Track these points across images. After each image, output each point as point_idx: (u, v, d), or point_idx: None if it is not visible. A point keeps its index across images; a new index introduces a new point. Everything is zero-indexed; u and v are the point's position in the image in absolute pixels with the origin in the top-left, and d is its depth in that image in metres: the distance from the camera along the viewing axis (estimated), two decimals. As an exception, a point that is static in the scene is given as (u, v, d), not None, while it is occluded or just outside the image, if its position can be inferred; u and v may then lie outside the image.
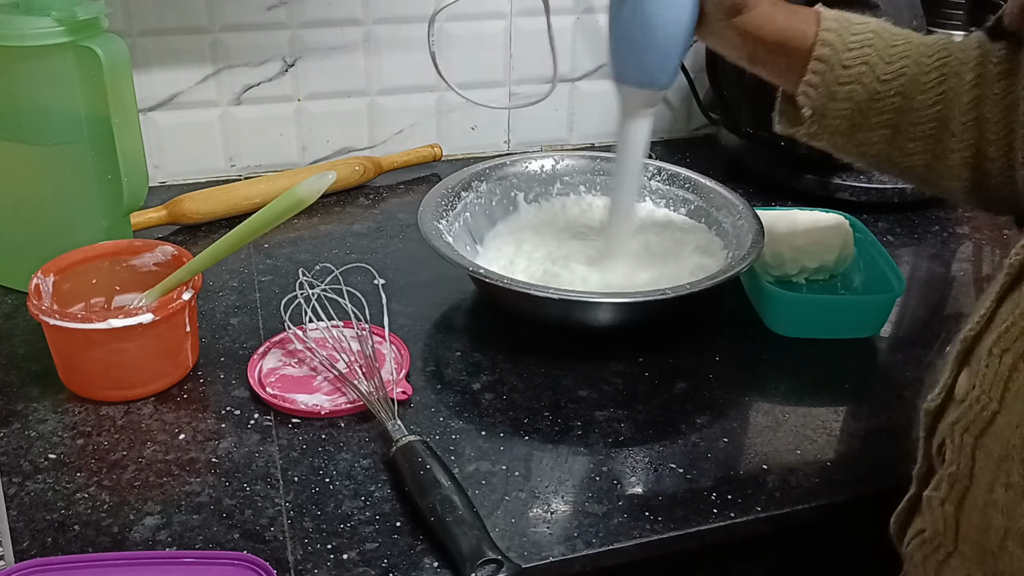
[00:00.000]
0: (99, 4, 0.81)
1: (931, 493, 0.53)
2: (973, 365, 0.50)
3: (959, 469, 0.50)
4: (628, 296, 0.78)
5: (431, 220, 0.84)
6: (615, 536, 0.62)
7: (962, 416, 0.50)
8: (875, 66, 0.68)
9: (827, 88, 0.69)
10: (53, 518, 0.63)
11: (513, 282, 0.77)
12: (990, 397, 0.48)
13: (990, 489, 0.48)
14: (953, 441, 0.51)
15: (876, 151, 0.70)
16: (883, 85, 0.68)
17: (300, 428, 0.71)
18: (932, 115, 0.67)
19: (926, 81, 0.67)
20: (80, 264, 0.77)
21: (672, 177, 0.96)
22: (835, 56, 0.68)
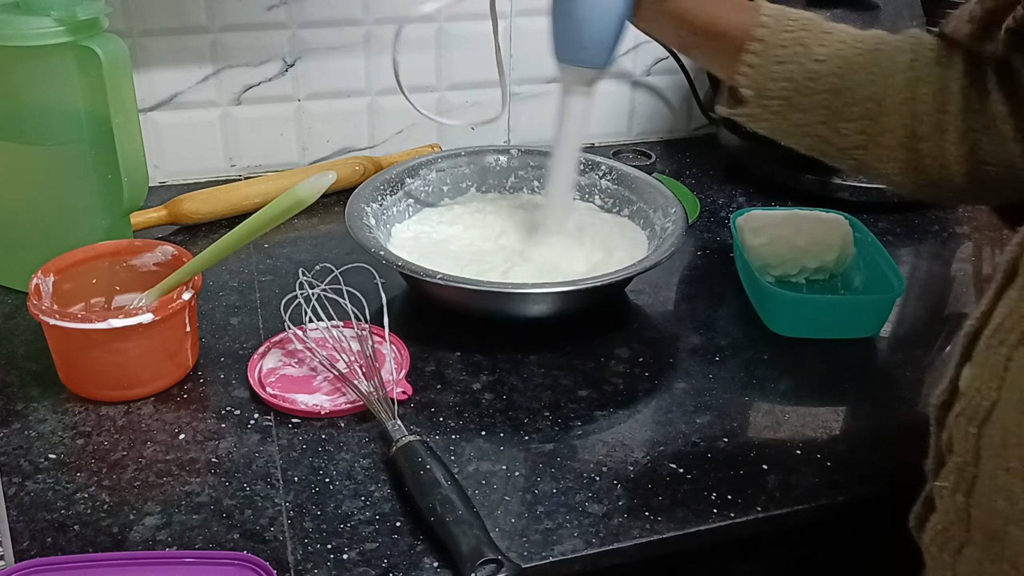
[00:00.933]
0: (99, 4, 0.81)
1: (941, 484, 0.54)
2: (975, 359, 0.52)
3: (965, 459, 0.52)
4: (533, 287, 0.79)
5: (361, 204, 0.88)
6: (615, 536, 0.62)
7: (965, 407, 0.52)
8: (810, 47, 0.69)
9: (765, 68, 0.70)
10: (53, 518, 0.63)
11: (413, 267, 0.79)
12: (989, 387, 0.50)
13: (994, 475, 0.49)
14: (959, 432, 0.52)
15: (814, 132, 0.71)
16: (819, 64, 0.69)
17: (300, 428, 0.71)
18: (866, 95, 0.68)
19: (860, 62, 0.68)
20: (80, 264, 0.77)
21: (621, 178, 0.96)
22: (772, 37, 0.69)
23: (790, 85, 0.70)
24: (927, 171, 0.69)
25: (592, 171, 0.97)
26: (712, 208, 1.08)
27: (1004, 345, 0.49)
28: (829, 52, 0.69)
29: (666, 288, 0.92)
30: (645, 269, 0.80)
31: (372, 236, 0.83)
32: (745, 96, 0.71)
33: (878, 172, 0.71)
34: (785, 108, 0.71)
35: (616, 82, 1.21)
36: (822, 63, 0.69)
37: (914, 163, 0.69)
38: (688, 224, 0.86)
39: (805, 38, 0.69)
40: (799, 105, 0.70)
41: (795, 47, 0.69)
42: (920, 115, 0.67)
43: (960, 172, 0.67)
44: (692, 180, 1.14)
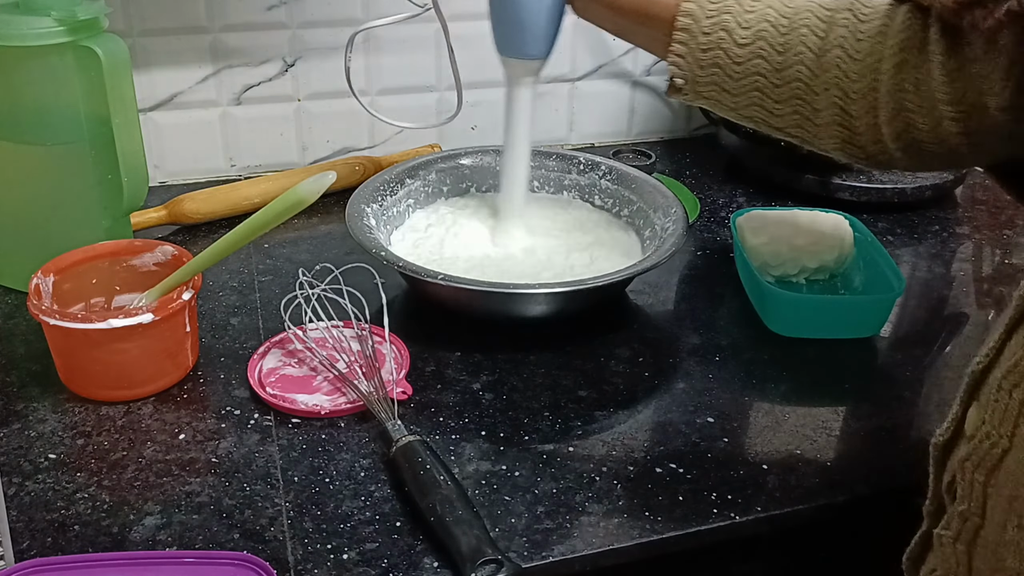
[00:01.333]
0: (99, 4, 0.81)
1: (942, 532, 0.52)
2: (982, 400, 0.49)
3: (970, 507, 0.49)
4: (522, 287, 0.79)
5: (361, 205, 0.88)
6: (615, 536, 0.62)
7: (972, 453, 0.49)
8: (733, 31, 0.68)
9: (692, 56, 0.70)
10: (53, 518, 0.63)
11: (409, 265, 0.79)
12: (1000, 434, 0.47)
13: (1002, 529, 0.47)
14: (964, 479, 0.50)
15: (750, 113, 0.71)
16: (742, 48, 0.68)
17: (300, 428, 0.71)
18: (792, 75, 0.68)
19: (785, 42, 0.68)
20: (80, 264, 0.77)
21: (621, 178, 0.96)
22: (695, 25, 0.69)
23: (718, 71, 0.70)
24: (864, 147, 0.68)
25: (592, 171, 0.97)
26: (712, 208, 1.08)
27: (1018, 389, 0.46)
28: (752, 34, 0.68)
29: (666, 288, 0.92)
30: (646, 269, 0.80)
31: (372, 237, 0.83)
32: (678, 85, 0.72)
33: (819, 148, 0.71)
34: (718, 92, 0.71)
35: (616, 82, 1.21)
36: (746, 46, 0.68)
37: (850, 139, 0.68)
38: (688, 224, 0.86)
39: (727, 21, 0.69)
40: (730, 89, 0.70)
41: (718, 32, 0.69)
42: (850, 94, 0.66)
43: (896, 147, 0.66)
44: (692, 180, 1.14)
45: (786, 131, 0.71)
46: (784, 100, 0.69)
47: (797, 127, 0.70)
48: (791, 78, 0.68)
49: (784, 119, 0.70)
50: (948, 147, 0.64)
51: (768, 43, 0.68)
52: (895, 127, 0.65)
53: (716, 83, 0.70)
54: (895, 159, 0.67)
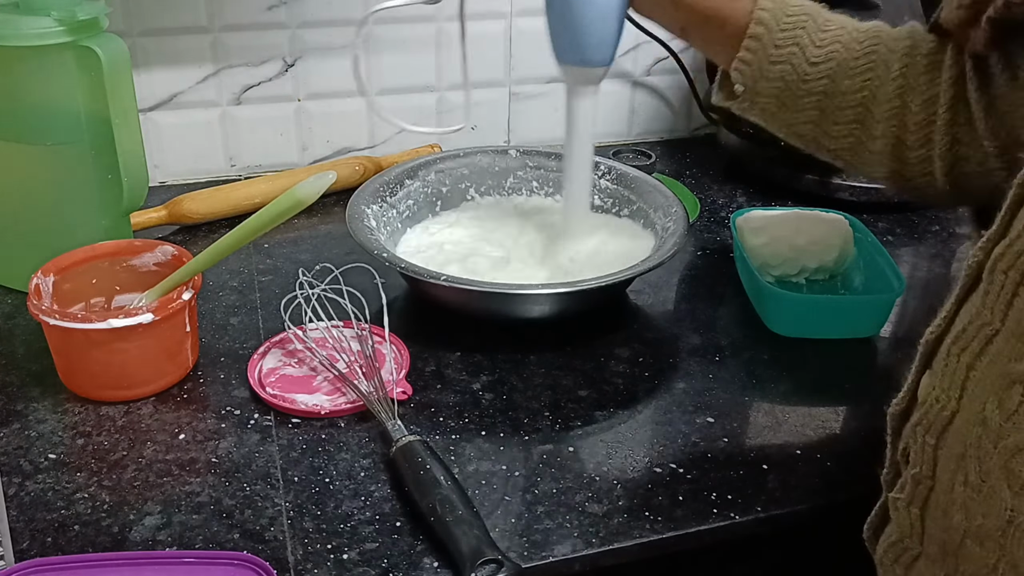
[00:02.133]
0: (99, 4, 0.81)
1: (896, 495, 0.53)
2: (935, 367, 0.51)
3: (922, 470, 0.51)
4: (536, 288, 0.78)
5: (361, 206, 0.87)
6: (615, 536, 0.62)
7: (923, 418, 0.51)
8: (806, 48, 0.68)
9: (759, 66, 0.69)
10: (53, 518, 0.63)
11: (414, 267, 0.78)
12: (948, 396, 0.49)
13: (950, 488, 0.48)
14: (916, 443, 0.51)
15: (803, 131, 0.71)
16: (812, 67, 0.68)
17: (300, 428, 0.71)
18: (857, 100, 0.68)
19: (854, 67, 0.68)
20: (80, 264, 0.77)
21: (620, 177, 0.96)
22: (768, 35, 0.69)
23: (783, 85, 0.70)
24: (912, 177, 0.69)
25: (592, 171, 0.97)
26: (712, 208, 1.08)
27: (966, 353, 0.48)
28: (824, 53, 0.68)
29: (666, 288, 0.92)
30: (647, 270, 0.80)
31: (373, 237, 0.83)
32: (737, 92, 0.71)
33: (865, 173, 0.72)
34: (776, 106, 0.71)
35: (616, 82, 1.21)
36: (816, 65, 0.68)
37: (900, 169, 0.69)
38: (689, 224, 0.86)
39: (801, 37, 0.69)
40: (790, 105, 0.70)
41: (790, 47, 0.69)
42: (909, 125, 0.67)
43: (944, 180, 0.67)
44: (692, 180, 1.14)
45: (836, 153, 0.71)
46: (843, 123, 0.69)
47: (850, 151, 0.70)
48: (855, 103, 0.68)
49: (838, 141, 0.70)
50: (993, 182, 0.65)
51: (839, 65, 0.68)
52: (947, 161, 0.66)
53: (777, 96, 0.70)
54: (940, 192, 0.68)
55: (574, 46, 0.77)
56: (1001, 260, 0.47)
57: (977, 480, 0.46)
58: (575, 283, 0.78)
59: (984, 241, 0.49)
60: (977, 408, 0.47)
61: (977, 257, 0.49)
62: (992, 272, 0.47)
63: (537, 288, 0.78)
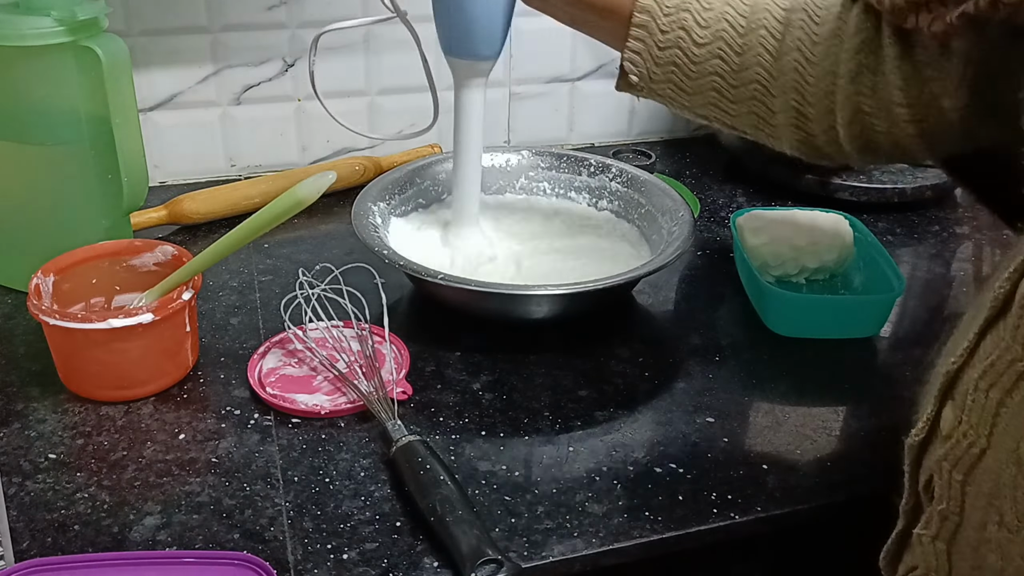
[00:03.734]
0: (99, 4, 0.81)
1: (921, 531, 0.52)
2: (957, 399, 0.49)
3: (948, 506, 0.49)
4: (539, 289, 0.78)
5: (368, 203, 0.87)
6: (615, 536, 0.62)
7: (949, 452, 0.49)
8: (691, 30, 0.67)
9: (649, 54, 0.69)
10: (53, 518, 0.63)
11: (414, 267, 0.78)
12: (977, 433, 0.47)
13: (982, 527, 0.47)
14: (941, 478, 0.49)
15: (705, 112, 0.71)
16: (701, 49, 0.68)
17: (300, 428, 0.71)
18: (751, 77, 0.67)
19: (744, 44, 0.67)
20: (80, 264, 0.77)
21: (631, 180, 0.96)
22: (653, 22, 0.68)
23: (674, 70, 0.69)
24: (820, 147, 0.68)
25: (602, 173, 0.97)
26: (712, 208, 1.08)
27: (995, 389, 0.46)
28: (711, 34, 0.67)
29: (666, 288, 0.92)
30: (650, 272, 0.80)
31: (376, 235, 0.83)
32: (632, 82, 0.71)
33: (774, 146, 0.71)
34: (674, 91, 0.70)
35: (616, 82, 1.21)
36: (704, 47, 0.67)
37: (806, 140, 0.68)
38: (694, 228, 0.85)
39: (686, 19, 0.68)
40: (687, 88, 0.69)
41: (676, 31, 0.68)
42: (807, 97, 0.66)
43: (852, 148, 0.66)
44: (692, 180, 1.14)
45: (741, 130, 0.71)
46: (741, 101, 0.68)
47: (753, 127, 0.70)
48: (748, 80, 0.67)
49: (740, 119, 0.70)
50: (903, 146, 0.64)
51: (727, 43, 0.67)
52: (852, 129, 0.65)
53: (672, 81, 0.69)
54: (850, 157, 0.68)
55: (462, 39, 0.77)
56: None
57: (1014, 521, 0.45)
58: (579, 284, 0.78)
59: (1011, 271, 0.47)
60: (1010, 446, 0.45)
61: (1004, 288, 0.47)
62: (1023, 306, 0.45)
63: (542, 289, 0.78)
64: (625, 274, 0.79)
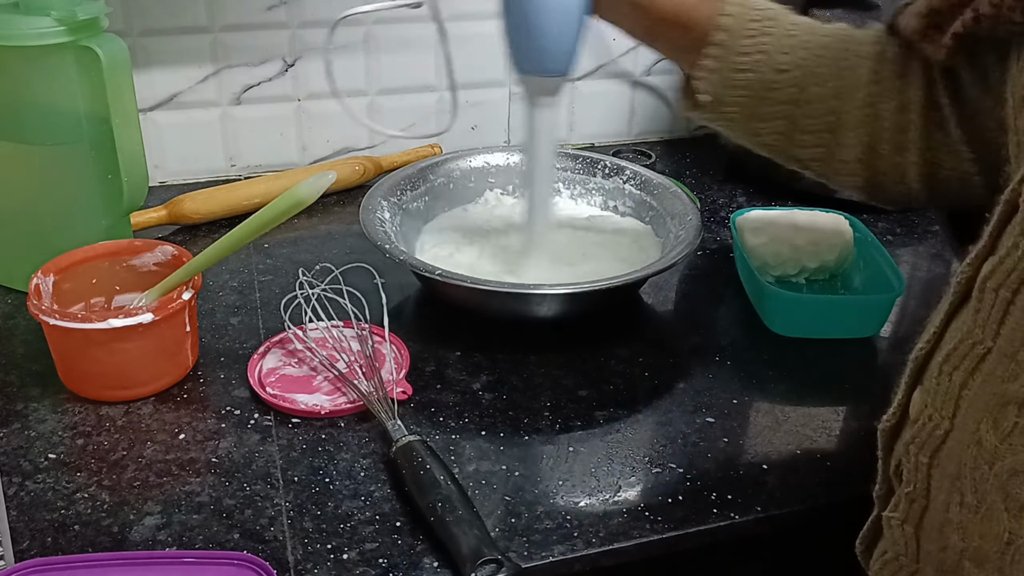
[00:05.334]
0: (99, 4, 0.81)
1: (890, 514, 0.53)
2: (925, 384, 0.50)
3: (915, 489, 0.50)
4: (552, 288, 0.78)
5: (378, 199, 0.87)
6: (615, 536, 0.62)
7: (916, 435, 0.50)
8: (771, 55, 0.66)
9: (723, 74, 0.67)
10: (53, 518, 0.63)
11: (447, 274, 0.78)
12: (942, 416, 0.48)
13: (946, 508, 0.48)
14: (909, 461, 0.50)
15: (771, 141, 0.69)
16: (778, 75, 0.66)
17: (300, 428, 0.71)
18: (826, 108, 0.66)
19: (823, 73, 0.65)
20: (80, 264, 0.77)
21: (645, 183, 0.96)
22: (732, 42, 0.66)
23: (749, 93, 0.67)
24: (886, 185, 0.67)
25: (616, 175, 0.97)
26: (712, 208, 1.08)
27: (958, 372, 0.47)
28: (791, 60, 0.66)
29: (666, 288, 0.92)
30: (652, 274, 0.80)
31: (382, 230, 0.83)
32: (702, 101, 0.69)
33: (836, 183, 0.70)
34: (743, 116, 0.68)
35: (616, 82, 1.21)
36: (783, 73, 0.66)
37: (873, 177, 0.67)
38: (700, 234, 0.85)
39: (767, 44, 0.66)
40: (757, 114, 0.68)
41: (756, 54, 0.66)
42: (880, 132, 0.65)
43: (920, 186, 0.66)
44: (692, 180, 1.14)
45: (806, 163, 0.69)
46: (812, 132, 0.67)
47: (820, 160, 0.68)
48: (824, 111, 0.66)
49: (808, 151, 0.68)
50: (968, 184, 0.64)
51: (807, 72, 0.65)
52: (923, 167, 0.64)
53: (744, 105, 0.67)
54: (915, 198, 0.67)
55: (533, 56, 0.75)
56: (991, 278, 0.46)
57: (974, 501, 0.46)
58: (584, 284, 0.78)
59: (972, 257, 0.48)
60: (971, 428, 0.46)
61: (966, 273, 0.48)
62: (982, 290, 0.46)
63: (547, 288, 0.77)
64: (627, 275, 0.79)
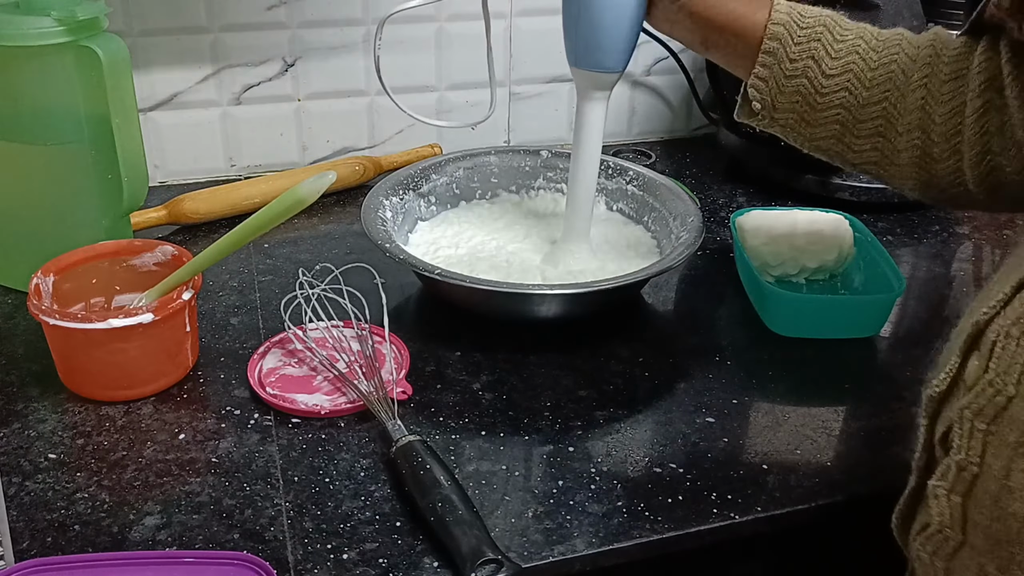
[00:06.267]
0: (99, 4, 0.81)
1: (937, 483, 0.51)
2: (983, 350, 0.49)
3: (967, 456, 0.49)
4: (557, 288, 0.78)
5: (380, 198, 0.87)
6: (615, 536, 0.62)
7: (973, 401, 0.49)
8: (821, 60, 0.66)
9: (775, 81, 0.68)
10: (53, 518, 0.63)
11: (447, 273, 0.77)
12: (1004, 382, 0.47)
13: (1005, 475, 0.47)
14: (962, 427, 0.49)
15: (827, 146, 0.69)
16: (829, 80, 0.66)
17: (300, 428, 0.71)
18: (877, 112, 0.66)
19: (872, 78, 0.66)
20: (80, 264, 0.77)
21: (647, 184, 0.95)
22: (782, 49, 0.67)
23: (800, 100, 0.68)
24: (944, 187, 0.67)
25: (619, 176, 0.97)
26: (712, 208, 1.08)
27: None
28: (840, 65, 0.66)
29: (666, 288, 0.92)
30: (653, 275, 0.80)
31: (383, 229, 0.83)
32: (755, 109, 0.69)
33: (895, 186, 0.70)
34: (796, 122, 0.69)
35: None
36: (833, 78, 0.66)
37: (929, 180, 0.67)
38: (702, 235, 0.85)
39: (816, 49, 0.67)
40: (810, 120, 0.68)
41: (806, 60, 0.67)
42: (933, 137, 0.65)
43: (980, 190, 0.65)
44: (692, 180, 1.14)
45: (863, 167, 0.69)
46: (865, 136, 0.67)
47: (875, 164, 0.69)
48: (874, 115, 0.66)
49: (863, 155, 0.68)
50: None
51: (856, 76, 0.66)
52: (980, 170, 0.64)
53: (796, 111, 0.68)
54: (976, 201, 0.66)
55: (589, 50, 0.77)
56: None
57: None
58: (587, 284, 0.77)
59: None
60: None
61: None
62: None
63: (552, 288, 0.77)
64: (628, 276, 0.79)
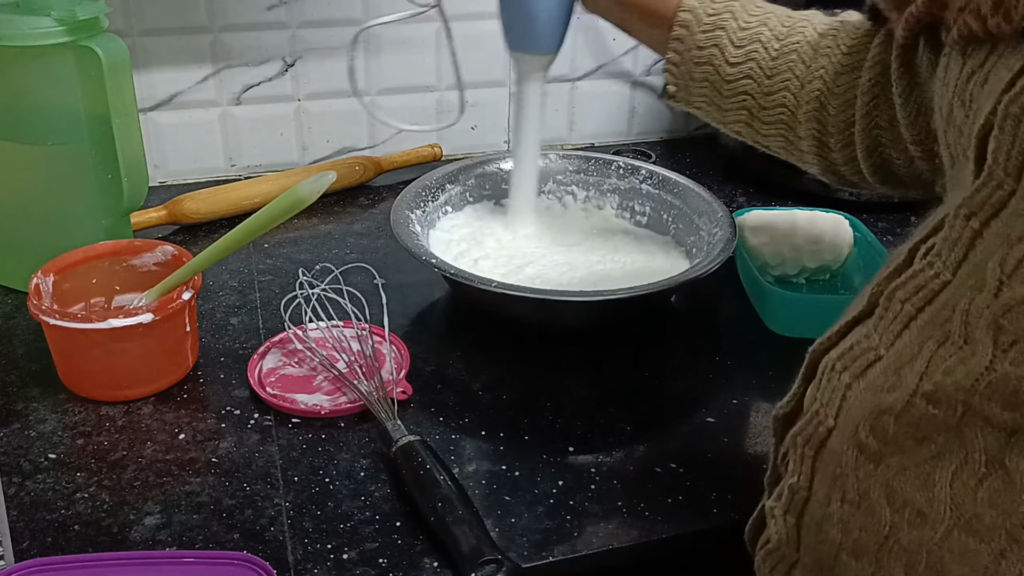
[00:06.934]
0: (99, 4, 0.81)
1: (773, 503, 0.53)
2: (816, 379, 0.51)
3: (799, 481, 0.50)
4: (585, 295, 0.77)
5: (405, 211, 0.87)
6: (615, 536, 0.62)
7: (803, 428, 0.50)
8: (725, 48, 0.67)
9: (686, 67, 0.69)
10: (53, 518, 0.63)
11: (474, 278, 0.77)
12: (826, 413, 0.49)
13: (827, 503, 0.48)
14: (795, 452, 0.51)
15: (739, 129, 0.71)
16: (733, 68, 0.67)
17: (300, 428, 0.71)
18: (779, 101, 0.67)
19: (773, 67, 0.67)
20: (80, 264, 0.77)
21: (662, 182, 0.95)
22: (690, 36, 0.68)
23: (709, 86, 0.69)
24: (843, 174, 0.68)
25: (632, 175, 0.96)
26: (712, 208, 1.08)
27: (847, 373, 0.48)
28: (743, 53, 0.67)
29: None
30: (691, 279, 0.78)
31: (412, 230, 0.83)
32: (671, 92, 0.71)
33: (805, 169, 0.71)
34: (708, 106, 0.70)
35: (616, 82, 1.21)
36: (736, 66, 0.67)
37: (831, 168, 0.68)
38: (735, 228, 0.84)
39: (720, 37, 0.67)
40: (720, 105, 0.70)
41: (711, 48, 0.67)
42: (828, 128, 0.65)
43: (876, 180, 0.66)
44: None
45: (775, 151, 0.71)
46: (770, 123, 0.68)
47: (783, 149, 0.70)
48: (776, 104, 0.67)
49: (771, 140, 0.70)
50: (923, 180, 0.64)
51: (758, 65, 0.67)
52: (872, 161, 0.65)
53: (707, 96, 0.70)
54: (874, 187, 0.68)
55: (522, 34, 0.83)
56: (900, 289, 0.47)
57: (855, 497, 0.46)
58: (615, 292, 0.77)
59: (883, 278, 0.48)
60: (851, 428, 0.46)
61: (878, 288, 0.49)
62: (890, 299, 0.47)
63: (579, 296, 0.76)
64: (663, 282, 0.78)
